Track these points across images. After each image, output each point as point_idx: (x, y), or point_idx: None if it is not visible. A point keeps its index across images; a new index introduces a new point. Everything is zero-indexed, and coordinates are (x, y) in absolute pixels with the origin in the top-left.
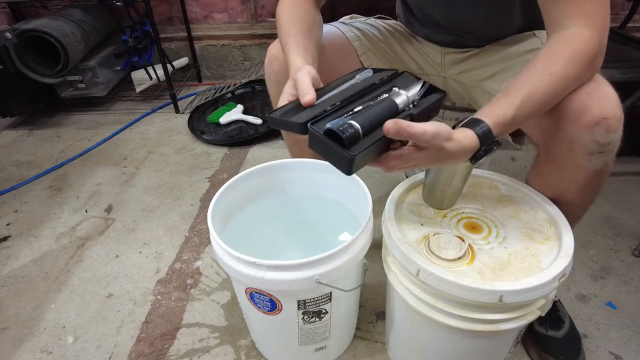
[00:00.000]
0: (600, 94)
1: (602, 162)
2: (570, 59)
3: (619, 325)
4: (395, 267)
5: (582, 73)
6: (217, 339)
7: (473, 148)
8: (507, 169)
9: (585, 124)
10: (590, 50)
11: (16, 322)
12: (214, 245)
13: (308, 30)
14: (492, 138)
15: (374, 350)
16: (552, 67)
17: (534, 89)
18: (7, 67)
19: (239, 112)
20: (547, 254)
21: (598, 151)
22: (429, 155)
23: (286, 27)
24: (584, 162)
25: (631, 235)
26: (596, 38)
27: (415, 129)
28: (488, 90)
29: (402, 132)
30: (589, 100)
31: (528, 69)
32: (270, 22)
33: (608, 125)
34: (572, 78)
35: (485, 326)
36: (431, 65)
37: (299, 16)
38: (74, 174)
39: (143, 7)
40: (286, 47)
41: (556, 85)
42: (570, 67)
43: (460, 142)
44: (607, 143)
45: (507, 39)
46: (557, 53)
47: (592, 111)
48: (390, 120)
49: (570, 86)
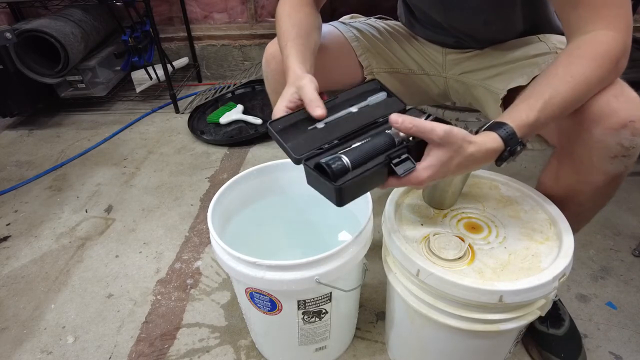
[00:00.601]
0: (627, 96)
1: (623, 166)
2: (593, 61)
3: (619, 325)
4: (395, 267)
5: (605, 75)
6: (217, 339)
7: (497, 150)
8: (507, 169)
9: (612, 126)
10: (613, 51)
11: (16, 322)
12: (214, 245)
13: (306, 35)
14: (517, 139)
15: (374, 350)
16: (573, 69)
17: (556, 92)
18: (7, 67)
19: (239, 112)
20: (547, 254)
21: (622, 154)
22: (452, 157)
23: (285, 30)
24: (605, 165)
25: (631, 235)
26: (619, 40)
27: (424, 122)
28: (492, 89)
29: (408, 123)
30: (615, 103)
31: (549, 72)
32: (270, 22)
33: (634, 129)
34: (595, 80)
35: (485, 326)
36: (432, 66)
37: (298, 19)
38: (74, 174)
39: (143, 7)
40: (285, 50)
41: (579, 87)
42: (593, 69)
43: (484, 144)
44: (631, 147)
45: (511, 42)
46: (578, 56)
47: (619, 114)
48: (394, 114)
49: (593, 88)
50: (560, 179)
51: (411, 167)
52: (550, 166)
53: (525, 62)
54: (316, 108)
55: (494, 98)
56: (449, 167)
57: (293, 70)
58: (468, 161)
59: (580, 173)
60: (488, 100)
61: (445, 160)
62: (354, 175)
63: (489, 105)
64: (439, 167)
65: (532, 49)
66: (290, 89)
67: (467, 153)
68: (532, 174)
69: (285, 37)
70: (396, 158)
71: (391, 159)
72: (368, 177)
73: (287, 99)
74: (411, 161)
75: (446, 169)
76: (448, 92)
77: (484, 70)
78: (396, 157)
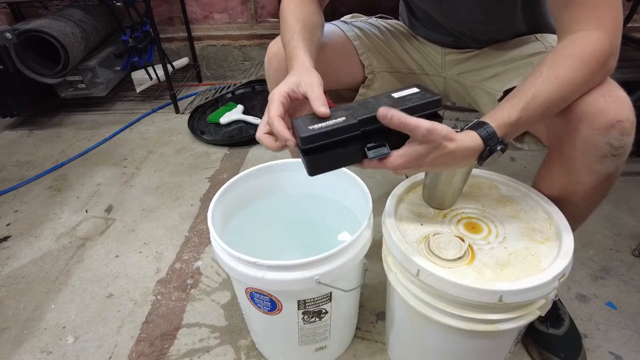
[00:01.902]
0: (615, 97)
1: (614, 166)
2: (578, 61)
3: (619, 325)
4: (395, 267)
5: (591, 76)
6: (217, 339)
7: (476, 148)
8: (507, 169)
9: (601, 126)
10: (599, 52)
11: (16, 322)
12: (214, 245)
13: (311, 31)
14: (497, 139)
15: (374, 350)
16: (558, 69)
17: (539, 91)
18: (7, 67)
19: (239, 112)
20: (547, 254)
21: (611, 154)
22: (429, 152)
23: (291, 25)
24: (596, 165)
25: (631, 235)
26: (606, 40)
27: (409, 119)
28: (489, 90)
29: (395, 119)
30: (603, 103)
31: (534, 72)
32: (270, 22)
33: (622, 128)
34: (580, 80)
35: (485, 326)
36: (432, 65)
37: (303, 15)
38: (74, 174)
39: (143, 7)
40: (292, 42)
41: (562, 87)
42: (577, 69)
43: (463, 142)
44: (620, 146)
45: (509, 42)
46: (563, 56)
47: (607, 114)
48: (383, 107)
49: (579, 89)
50: (554, 180)
51: (384, 152)
52: (543, 167)
53: (521, 62)
54: (321, 106)
55: (491, 99)
56: (424, 161)
57: (301, 60)
58: (446, 157)
59: (572, 173)
60: (486, 102)
61: (421, 153)
62: (323, 147)
63: (487, 106)
64: (413, 159)
65: (528, 48)
66: (293, 78)
67: (446, 150)
68: (532, 174)
69: (291, 31)
70: (371, 142)
71: (366, 141)
72: (340, 153)
73: (290, 87)
74: (386, 147)
75: (421, 161)
76: (447, 93)
77: (481, 70)
78: (372, 141)
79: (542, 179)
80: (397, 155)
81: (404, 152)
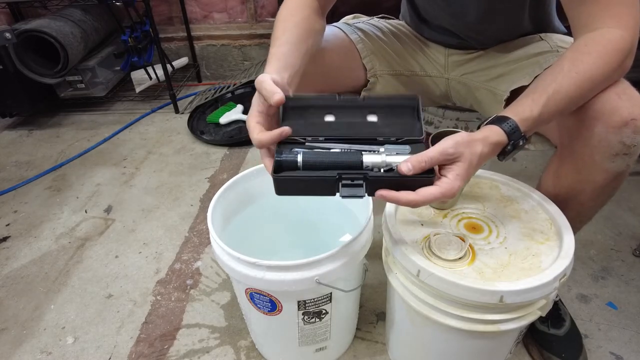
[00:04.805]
0: (629, 95)
1: (624, 164)
2: (599, 58)
3: (620, 325)
4: (395, 268)
5: (610, 73)
6: (217, 340)
7: (501, 143)
8: (508, 169)
9: (614, 124)
10: (620, 50)
11: (16, 322)
12: (214, 246)
13: (298, 40)
14: (520, 133)
15: (374, 350)
16: (579, 65)
17: (560, 87)
18: (7, 67)
19: (239, 112)
20: (547, 254)
21: (623, 153)
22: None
23: (277, 35)
24: (607, 163)
25: (632, 235)
26: (627, 39)
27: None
28: (495, 90)
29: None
30: (618, 101)
31: (554, 68)
32: (270, 22)
33: (636, 127)
34: (600, 77)
35: (485, 326)
36: (434, 67)
37: (294, 22)
38: (74, 174)
39: (143, 7)
40: (268, 56)
41: (583, 84)
42: (599, 66)
43: (488, 139)
44: (633, 145)
45: (513, 42)
46: (584, 53)
47: (621, 112)
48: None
49: (598, 86)
50: (562, 178)
51: (358, 194)
52: (551, 166)
53: (526, 61)
54: (273, 95)
55: (497, 100)
56: (470, 171)
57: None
58: (481, 158)
59: (582, 172)
60: (491, 102)
61: (464, 167)
62: (295, 174)
63: (492, 106)
64: (464, 173)
65: (533, 47)
66: (256, 95)
67: (478, 152)
68: (532, 174)
69: (273, 42)
70: (348, 180)
71: (342, 177)
72: (311, 182)
73: (256, 105)
74: (363, 190)
75: (470, 171)
76: (449, 94)
77: (486, 71)
78: (348, 179)
79: (549, 177)
80: (453, 179)
81: (457, 173)
